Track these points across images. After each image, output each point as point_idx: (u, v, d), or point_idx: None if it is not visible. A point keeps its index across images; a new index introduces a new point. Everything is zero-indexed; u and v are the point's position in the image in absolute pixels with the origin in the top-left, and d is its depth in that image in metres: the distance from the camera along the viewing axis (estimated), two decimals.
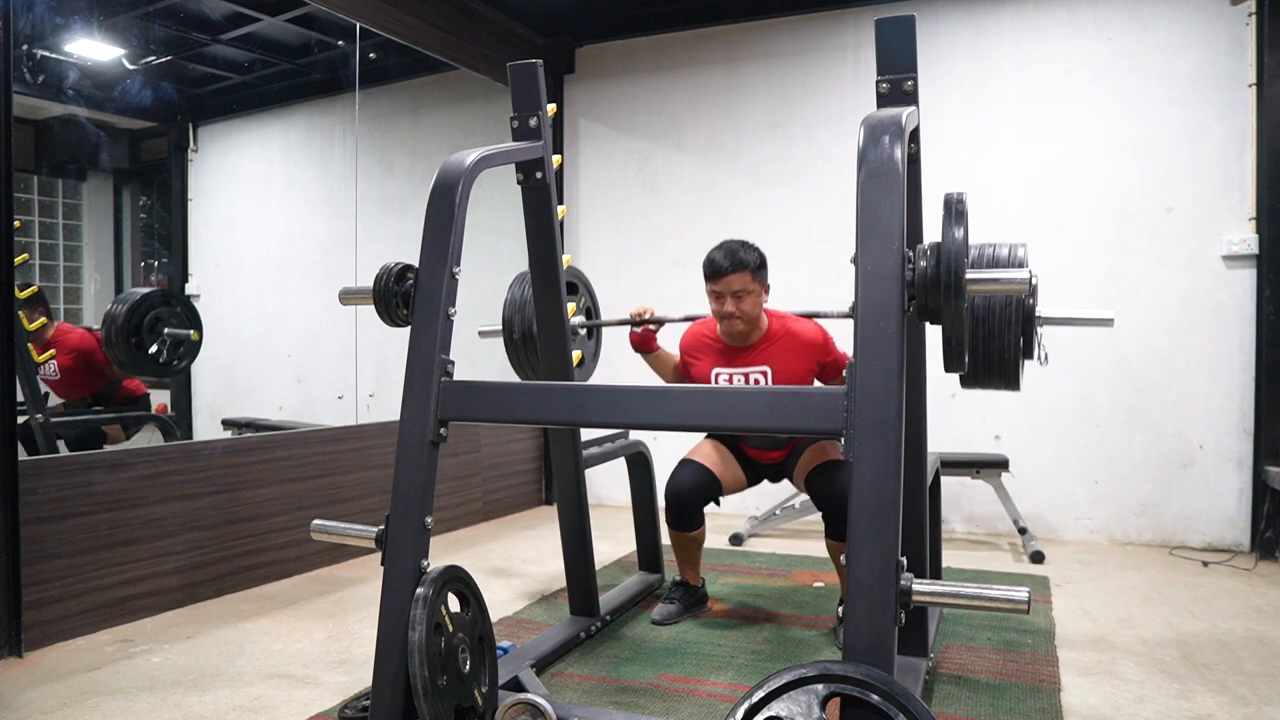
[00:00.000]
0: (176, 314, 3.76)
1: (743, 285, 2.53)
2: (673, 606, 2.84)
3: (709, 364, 2.72)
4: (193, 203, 4.67)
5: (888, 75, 1.81)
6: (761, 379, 2.62)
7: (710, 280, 2.57)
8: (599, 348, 2.99)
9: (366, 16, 3.76)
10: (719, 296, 2.57)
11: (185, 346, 3.76)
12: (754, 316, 2.59)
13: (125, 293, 3.84)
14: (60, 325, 3.76)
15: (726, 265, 2.53)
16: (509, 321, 2.63)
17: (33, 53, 3.48)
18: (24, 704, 2.15)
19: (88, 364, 3.72)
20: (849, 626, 1.35)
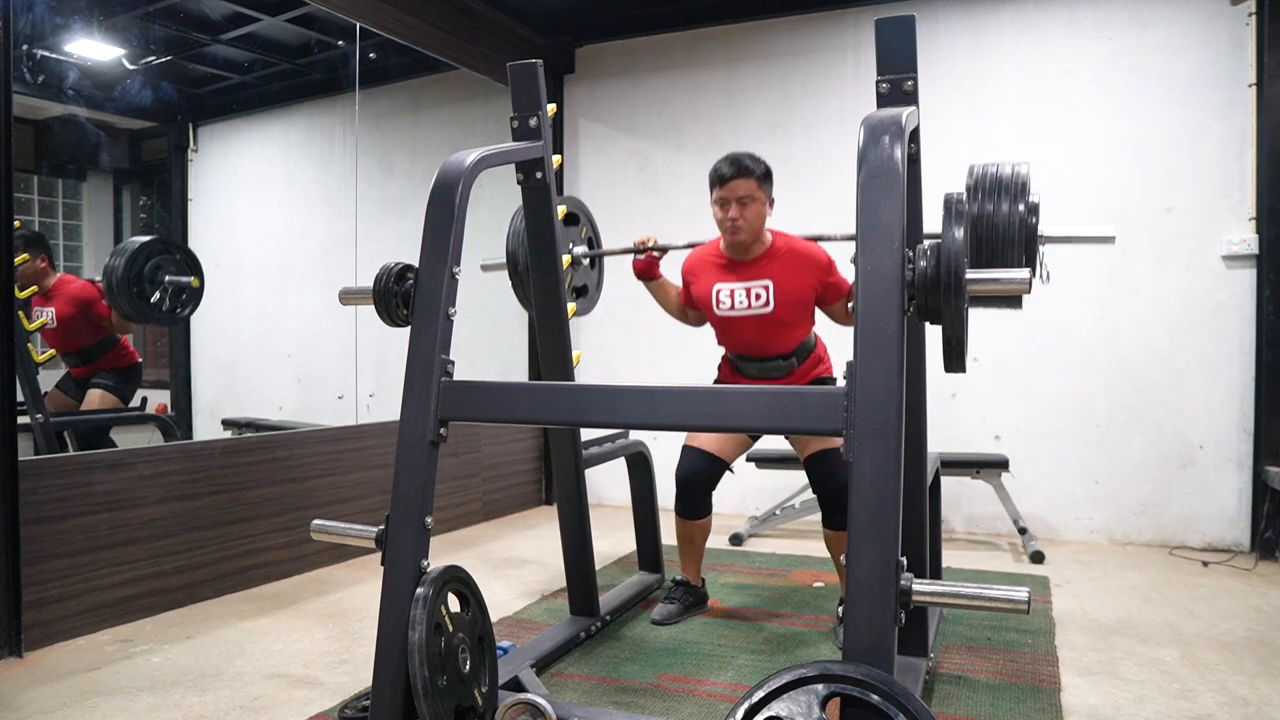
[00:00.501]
0: (176, 261, 3.74)
1: (748, 191, 2.50)
2: (673, 606, 2.84)
3: (710, 280, 2.66)
4: (193, 203, 4.67)
5: (888, 75, 1.81)
6: (764, 293, 2.57)
7: (716, 187, 2.54)
8: (601, 277, 2.96)
9: (366, 16, 3.76)
10: (724, 203, 2.53)
11: (187, 294, 3.74)
12: (757, 227, 2.55)
13: (123, 243, 3.80)
14: (63, 275, 3.75)
15: (732, 171, 2.51)
16: (512, 254, 2.58)
17: (33, 53, 3.48)
18: (24, 704, 2.15)
19: (86, 314, 3.70)
20: (849, 626, 1.34)
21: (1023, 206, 1.85)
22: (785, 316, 2.59)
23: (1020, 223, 1.84)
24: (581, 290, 2.80)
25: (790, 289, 2.57)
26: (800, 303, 2.59)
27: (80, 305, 3.69)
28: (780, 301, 2.57)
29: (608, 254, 2.83)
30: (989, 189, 1.87)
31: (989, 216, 1.85)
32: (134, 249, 3.63)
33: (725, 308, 2.63)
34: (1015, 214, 1.84)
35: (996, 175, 1.89)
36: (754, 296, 2.59)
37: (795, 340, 2.65)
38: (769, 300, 2.58)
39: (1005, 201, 1.85)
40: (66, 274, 3.82)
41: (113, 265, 3.58)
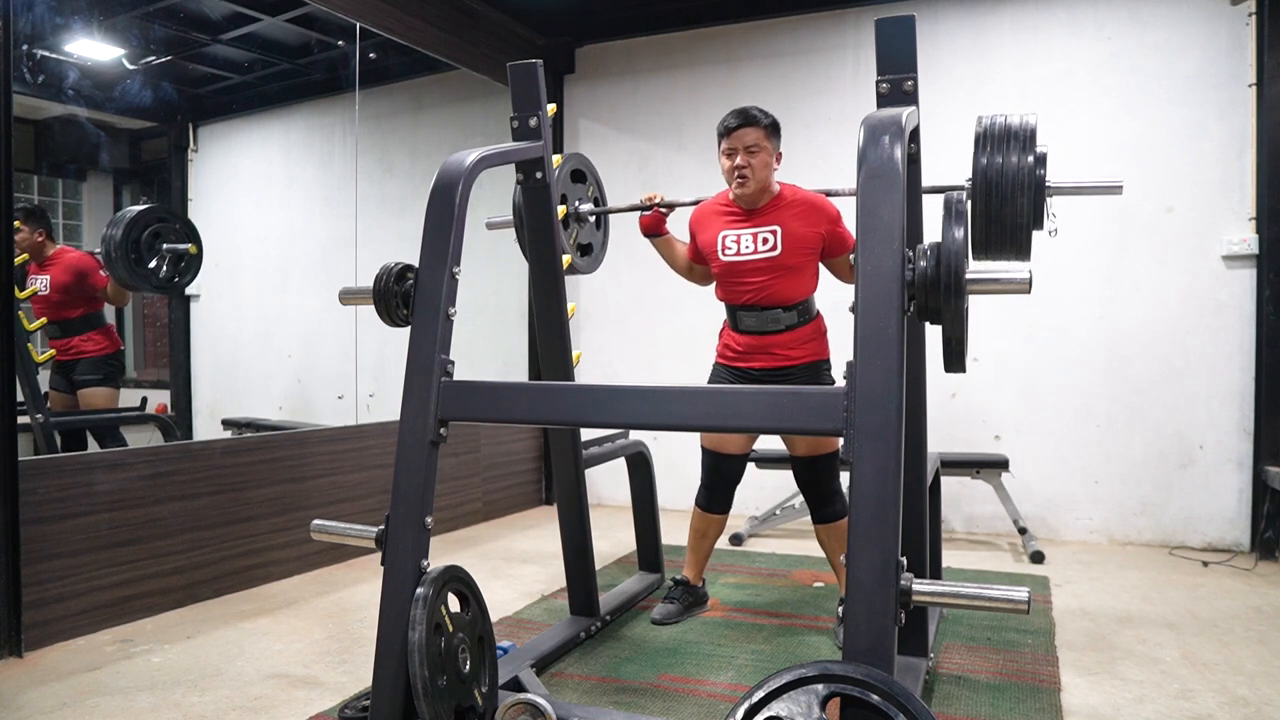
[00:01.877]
0: (174, 229, 3.72)
1: (755, 140, 2.50)
2: (673, 606, 2.84)
3: (717, 228, 2.65)
4: (193, 203, 4.66)
5: (888, 75, 1.81)
6: (771, 237, 2.56)
7: (723, 138, 2.54)
8: (607, 236, 2.95)
9: (366, 16, 3.76)
10: (731, 153, 2.53)
11: (185, 261, 3.73)
12: (764, 177, 2.54)
13: (119, 212, 3.78)
14: (62, 247, 3.74)
15: (738, 121, 2.51)
16: (519, 208, 2.54)
17: (33, 53, 3.48)
18: (24, 704, 2.15)
19: (82, 283, 3.69)
20: (849, 626, 1.34)
21: (1031, 157, 1.86)
22: (792, 261, 2.56)
23: (1029, 172, 1.85)
24: (586, 248, 2.78)
25: (798, 234, 2.55)
26: (807, 248, 2.57)
27: (77, 273, 3.68)
28: (788, 246, 2.55)
29: (613, 211, 2.81)
30: (998, 138, 1.88)
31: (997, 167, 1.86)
32: (132, 216, 3.61)
33: (731, 253, 2.60)
34: (1024, 164, 1.85)
35: (1005, 125, 1.89)
36: (761, 240, 2.57)
37: (799, 292, 2.61)
38: (776, 244, 2.55)
39: (1014, 152, 1.86)
40: (65, 245, 3.81)
41: (110, 234, 3.56)
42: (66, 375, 3.75)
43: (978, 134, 1.91)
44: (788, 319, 2.61)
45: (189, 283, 3.87)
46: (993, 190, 1.87)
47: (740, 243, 2.59)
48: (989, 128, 1.90)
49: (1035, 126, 1.88)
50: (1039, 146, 1.89)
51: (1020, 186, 1.85)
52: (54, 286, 3.63)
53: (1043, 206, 1.94)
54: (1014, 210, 1.87)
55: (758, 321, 2.62)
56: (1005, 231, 1.89)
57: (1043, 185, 1.92)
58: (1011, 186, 1.86)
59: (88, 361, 3.76)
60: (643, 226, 2.78)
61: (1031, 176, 1.85)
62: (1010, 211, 1.87)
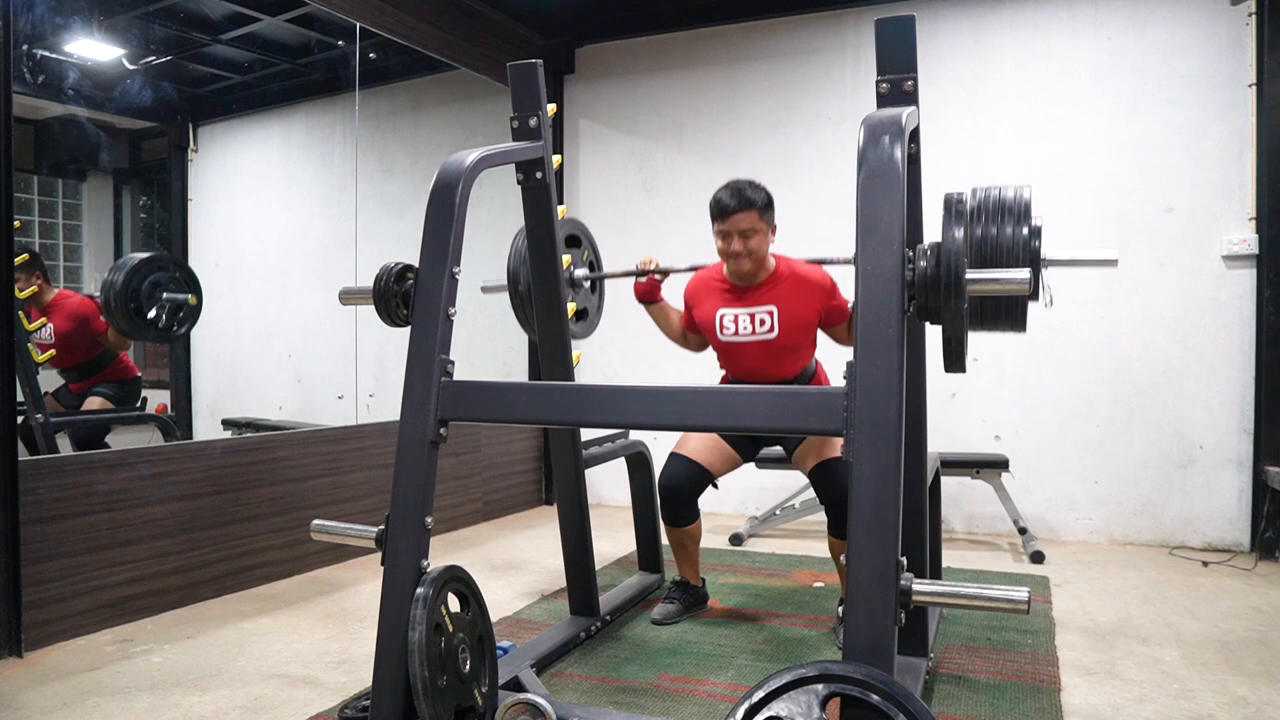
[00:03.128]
0: (175, 279, 3.74)
1: (750, 224, 2.50)
2: (673, 606, 2.84)
3: (714, 305, 2.66)
4: (193, 203, 4.67)
5: (888, 75, 1.81)
6: (768, 318, 2.58)
7: (717, 220, 2.53)
8: (602, 301, 2.96)
9: (366, 16, 3.76)
10: (726, 236, 2.53)
11: (184, 311, 3.75)
12: (761, 256, 2.55)
13: (122, 259, 3.80)
14: (60, 292, 3.75)
15: (733, 204, 2.49)
16: (514, 274, 2.58)
17: (33, 53, 3.48)
18: (24, 704, 2.15)
19: (84, 330, 3.71)
20: (849, 626, 1.34)
21: (1026, 229, 1.87)
22: (789, 341, 2.60)
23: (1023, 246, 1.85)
24: (582, 314, 2.79)
25: (794, 314, 2.58)
26: (804, 327, 2.61)
27: (78, 320, 3.69)
28: (785, 327, 2.58)
29: (609, 277, 2.83)
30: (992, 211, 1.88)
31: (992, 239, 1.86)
32: (133, 265, 3.64)
33: (729, 333, 2.64)
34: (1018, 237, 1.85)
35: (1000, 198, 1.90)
36: (758, 322, 2.60)
37: (798, 365, 2.67)
38: (773, 326, 2.58)
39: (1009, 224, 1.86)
40: (65, 290, 3.82)
41: (111, 280, 3.59)
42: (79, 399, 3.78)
43: (971, 207, 1.91)
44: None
45: (187, 332, 3.89)
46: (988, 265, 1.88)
47: (738, 323, 2.62)
48: (983, 200, 1.91)
49: (1030, 199, 1.89)
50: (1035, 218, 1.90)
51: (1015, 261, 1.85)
52: (58, 335, 3.65)
53: (1038, 279, 1.94)
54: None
55: None
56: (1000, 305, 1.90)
57: (1038, 258, 1.93)
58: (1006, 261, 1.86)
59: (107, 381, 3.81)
60: (638, 294, 2.78)
61: (1027, 250, 1.86)
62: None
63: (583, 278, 2.74)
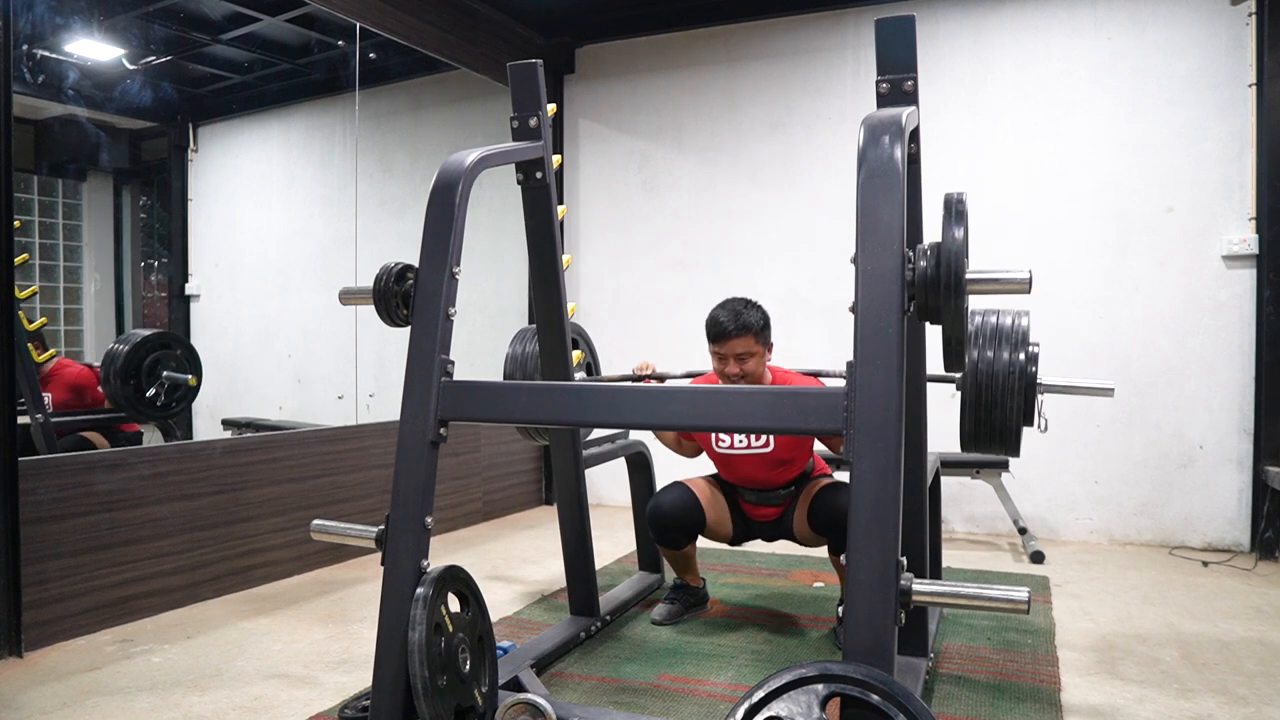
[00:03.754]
0: (176, 357, 3.75)
1: (746, 348, 2.48)
2: (673, 606, 2.84)
3: None
4: (193, 203, 4.67)
5: (888, 75, 1.81)
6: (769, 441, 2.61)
7: (714, 342, 2.52)
8: None
9: (366, 16, 3.76)
10: (722, 358, 2.52)
11: (182, 391, 3.76)
12: (758, 377, 2.56)
13: (128, 333, 3.82)
14: (60, 360, 3.75)
15: (731, 328, 2.47)
16: (510, 378, 2.64)
17: (33, 53, 3.48)
18: (24, 704, 2.15)
19: (80, 397, 3.72)
20: (849, 626, 1.34)
21: (1023, 356, 1.88)
22: (785, 455, 2.62)
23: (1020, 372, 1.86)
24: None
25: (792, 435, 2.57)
26: (799, 441, 2.62)
27: (75, 391, 3.70)
28: (780, 441, 2.60)
29: (607, 380, 2.83)
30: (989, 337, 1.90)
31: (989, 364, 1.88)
32: (137, 341, 3.64)
33: (725, 446, 2.67)
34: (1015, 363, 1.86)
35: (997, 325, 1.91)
36: (753, 437, 2.61)
37: (794, 473, 2.69)
38: (769, 441, 2.61)
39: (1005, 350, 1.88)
40: (64, 358, 3.81)
41: (114, 353, 3.60)
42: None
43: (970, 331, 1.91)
44: (788, 493, 2.70)
45: (182, 411, 3.89)
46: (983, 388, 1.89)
47: (734, 436, 2.64)
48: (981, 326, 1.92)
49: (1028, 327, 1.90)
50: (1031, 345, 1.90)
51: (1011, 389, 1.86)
52: (56, 404, 3.63)
53: (1034, 405, 1.95)
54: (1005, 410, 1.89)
55: (759, 499, 2.72)
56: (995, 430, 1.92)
57: (1034, 384, 1.93)
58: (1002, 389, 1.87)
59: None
60: None
61: (1023, 377, 1.86)
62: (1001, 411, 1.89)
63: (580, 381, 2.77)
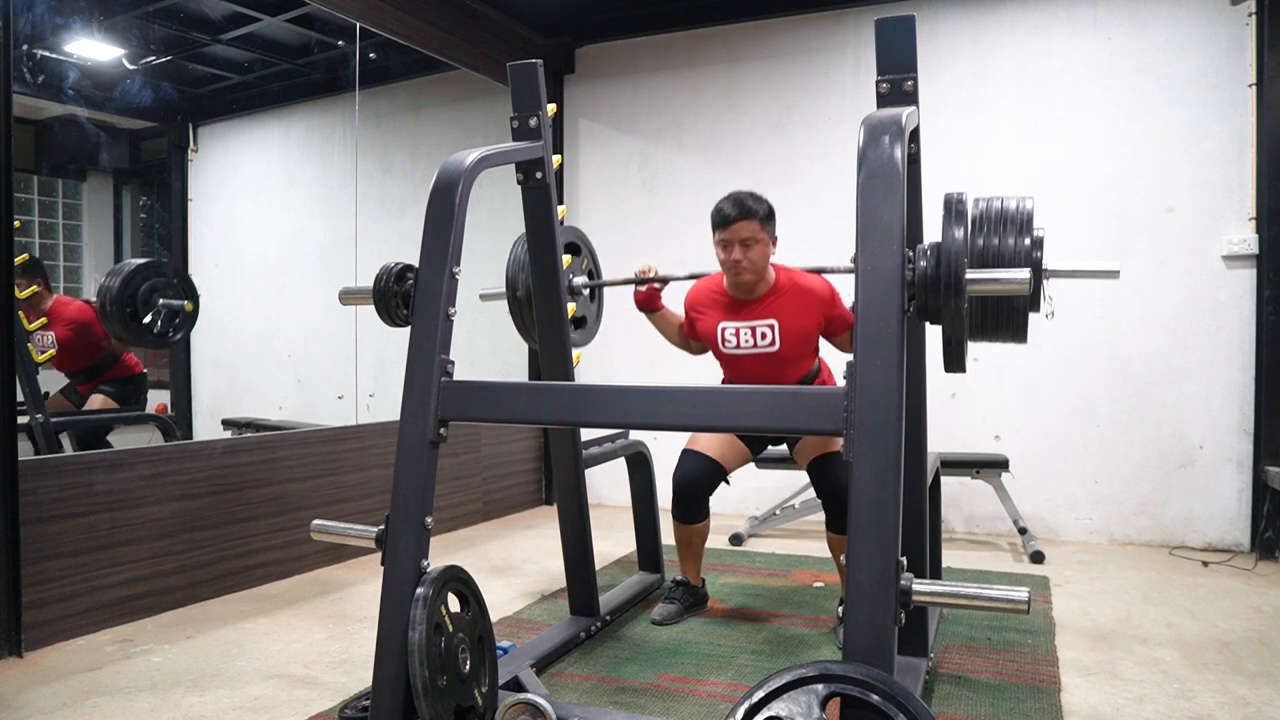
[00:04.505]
0: (172, 285, 3.73)
1: (751, 233, 2.49)
2: (673, 606, 2.84)
3: (715, 318, 2.66)
4: (193, 203, 4.67)
5: (888, 75, 1.81)
6: (769, 332, 2.58)
7: (718, 229, 2.53)
8: (601, 308, 2.96)
9: (366, 16, 3.76)
10: (727, 245, 2.52)
11: (181, 317, 3.74)
12: (761, 267, 2.55)
13: (119, 264, 3.79)
14: (59, 298, 3.75)
15: (734, 213, 2.49)
16: (512, 280, 2.57)
17: (33, 53, 3.48)
18: (24, 704, 2.15)
19: (85, 336, 3.71)
20: (849, 626, 1.34)
21: (1028, 240, 1.86)
22: (791, 354, 2.60)
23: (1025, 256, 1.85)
24: (580, 321, 2.79)
25: (796, 326, 2.58)
26: (805, 339, 2.61)
27: (78, 327, 3.70)
28: (786, 339, 2.58)
29: (608, 284, 2.82)
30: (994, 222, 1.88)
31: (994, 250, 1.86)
32: (129, 271, 3.62)
33: (731, 346, 2.64)
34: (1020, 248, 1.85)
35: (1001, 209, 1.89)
36: (759, 335, 2.60)
37: (800, 373, 2.67)
38: (775, 339, 2.58)
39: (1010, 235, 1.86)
40: (62, 296, 3.82)
41: (107, 285, 3.58)
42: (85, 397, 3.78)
43: (974, 215, 1.90)
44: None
45: (184, 337, 3.87)
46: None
47: (739, 336, 2.62)
48: (985, 210, 1.90)
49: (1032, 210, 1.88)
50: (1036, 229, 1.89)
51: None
52: (61, 343, 3.65)
53: (1040, 290, 1.94)
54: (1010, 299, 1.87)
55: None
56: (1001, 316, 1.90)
57: (1040, 269, 1.92)
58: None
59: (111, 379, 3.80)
60: (637, 302, 2.78)
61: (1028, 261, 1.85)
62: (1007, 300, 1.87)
63: (581, 286, 2.75)
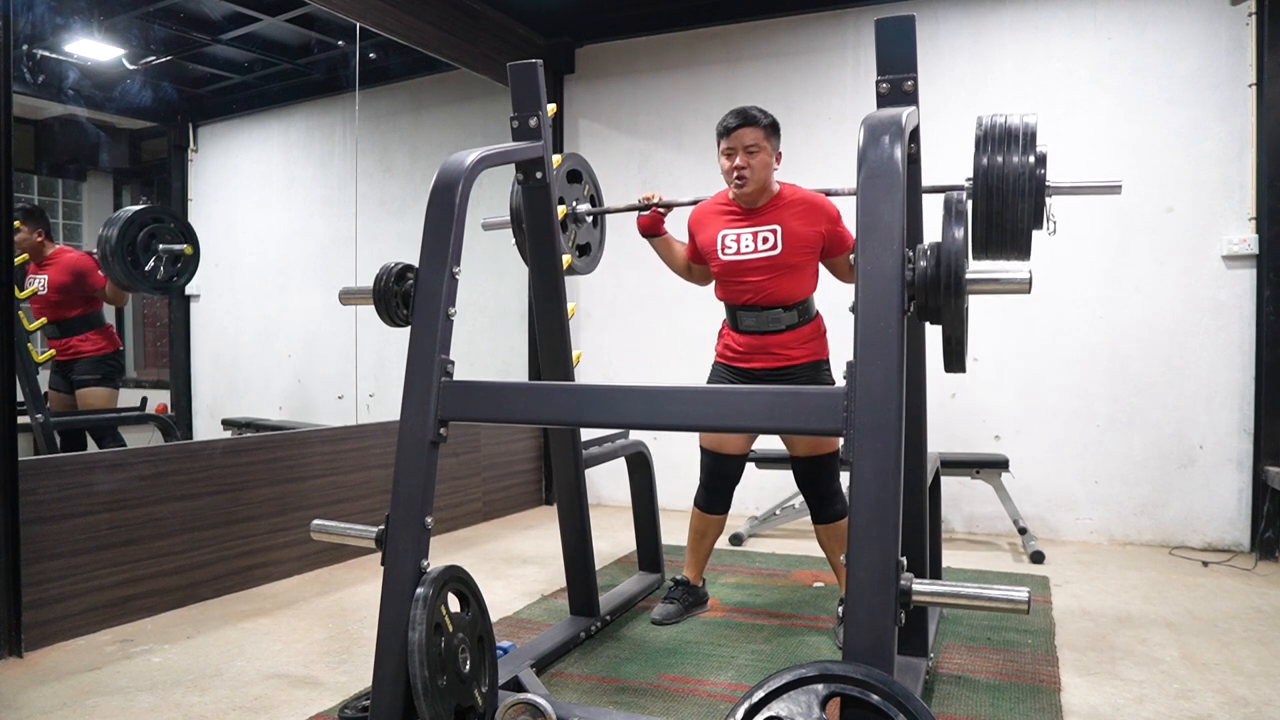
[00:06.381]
0: (170, 230, 3.71)
1: (754, 140, 2.49)
2: (673, 606, 2.84)
3: (717, 227, 2.65)
4: (193, 203, 4.66)
5: (888, 75, 1.81)
6: (771, 236, 2.55)
7: (722, 138, 2.54)
8: (604, 235, 2.95)
9: (366, 16, 3.76)
10: (730, 153, 2.52)
11: (182, 262, 3.72)
12: (764, 177, 2.54)
13: (116, 212, 3.77)
14: (61, 246, 3.74)
15: (737, 121, 2.50)
16: (516, 211, 2.52)
17: (33, 53, 3.48)
18: (24, 704, 2.15)
19: (81, 283, 3.69)
20: (849, 626, 1.34)
21: (1031, 157, 1.86)
22: (793, 260, 2.55)
23: (1029, 174, 1.85)
24: (584, 248, 2.78)
25: (798, 233, 2.55)
26: (808, 247, 2.57)
27: (75, 273, 3.67)
28: (788, 245, 2.54)
29: (611, 211, 2.81)
30: (998, 139, 1.88)
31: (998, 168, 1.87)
32: (128, 217, 3.60)
33: (731, 252, 2.60)
34: (1024, 165, 1.85)
35: (1005, 125, 1.90)
36: (761, 240, 2.56)
37: (799, 291, 2.61)
38: (776, 243, 2.55)
39: (1014, 152, 1.86)
40: (63, 245, 3.80)
41: (106, 234, 3.56)
42: (65, 375, 3.75)
43: (978, 135, 1.91)
44: (788, 319, 2.60)
45: (186, 283, 3.86)
46: (994, 192, 1.88)
47: (740, 242, 2.59)
48: (989, 129, 1.91)
49: (1036, 127, 1.89)
50: (1039, 146, 1.90)
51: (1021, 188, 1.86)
52: (52, 286, 3.63)
53: (1043, 207, 1.95)
54: (1015, 211, 1.88)
55: (758, 321, 2.62)
56: (1006, 233, 1.90)
57: (1043, 186, 1.92)
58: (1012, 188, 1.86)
59: (86, 361, 3.76)
60: (640, 227, 2.78)
61: (1032, 177, 1.86)
62: (1011, 213, 1.88)
63: (584, 213, 2.72)
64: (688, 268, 2.84)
